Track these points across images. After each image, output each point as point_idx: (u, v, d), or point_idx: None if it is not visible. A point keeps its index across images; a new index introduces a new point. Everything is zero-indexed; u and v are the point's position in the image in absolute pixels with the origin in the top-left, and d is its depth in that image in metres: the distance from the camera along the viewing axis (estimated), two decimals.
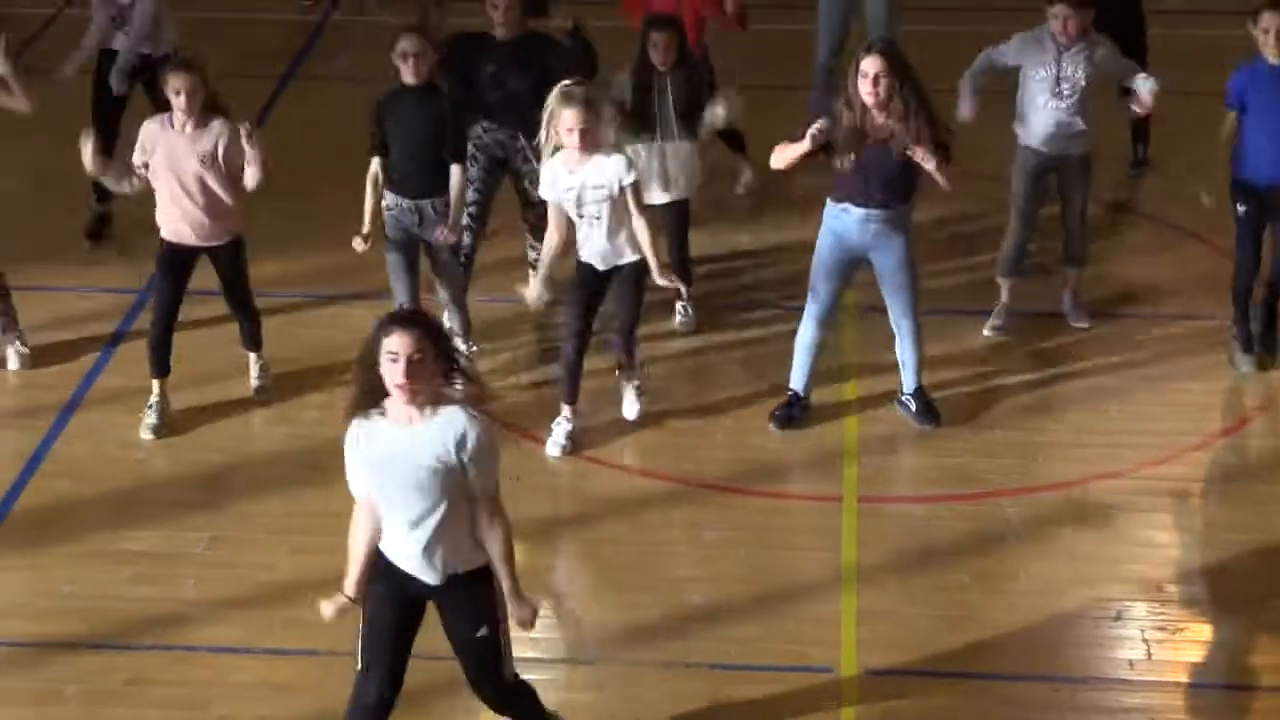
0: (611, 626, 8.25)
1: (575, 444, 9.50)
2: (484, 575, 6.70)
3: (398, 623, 6.72)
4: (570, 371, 9.39)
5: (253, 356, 10.00)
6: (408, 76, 9.56)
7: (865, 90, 8.65)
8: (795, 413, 9.47)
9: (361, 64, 9.73)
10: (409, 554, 6.57)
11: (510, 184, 10.42)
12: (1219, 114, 9.71)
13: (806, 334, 9.44)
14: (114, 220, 11.29)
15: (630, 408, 9.70)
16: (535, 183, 9.81)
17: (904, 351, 9.42)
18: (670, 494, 9.22)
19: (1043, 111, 9.81)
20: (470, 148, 10.05)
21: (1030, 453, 9.52)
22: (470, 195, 10.14)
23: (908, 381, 9.43)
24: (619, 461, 9.48)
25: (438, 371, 6.44)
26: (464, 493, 6.47)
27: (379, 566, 6.69)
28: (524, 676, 7.60)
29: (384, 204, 9.68)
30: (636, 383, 9.70)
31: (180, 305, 9.55)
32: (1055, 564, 8.62)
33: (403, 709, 6.86)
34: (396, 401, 6.43)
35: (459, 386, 6.57)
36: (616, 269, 9.29)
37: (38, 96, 9.93)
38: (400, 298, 9.67)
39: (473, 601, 6.72)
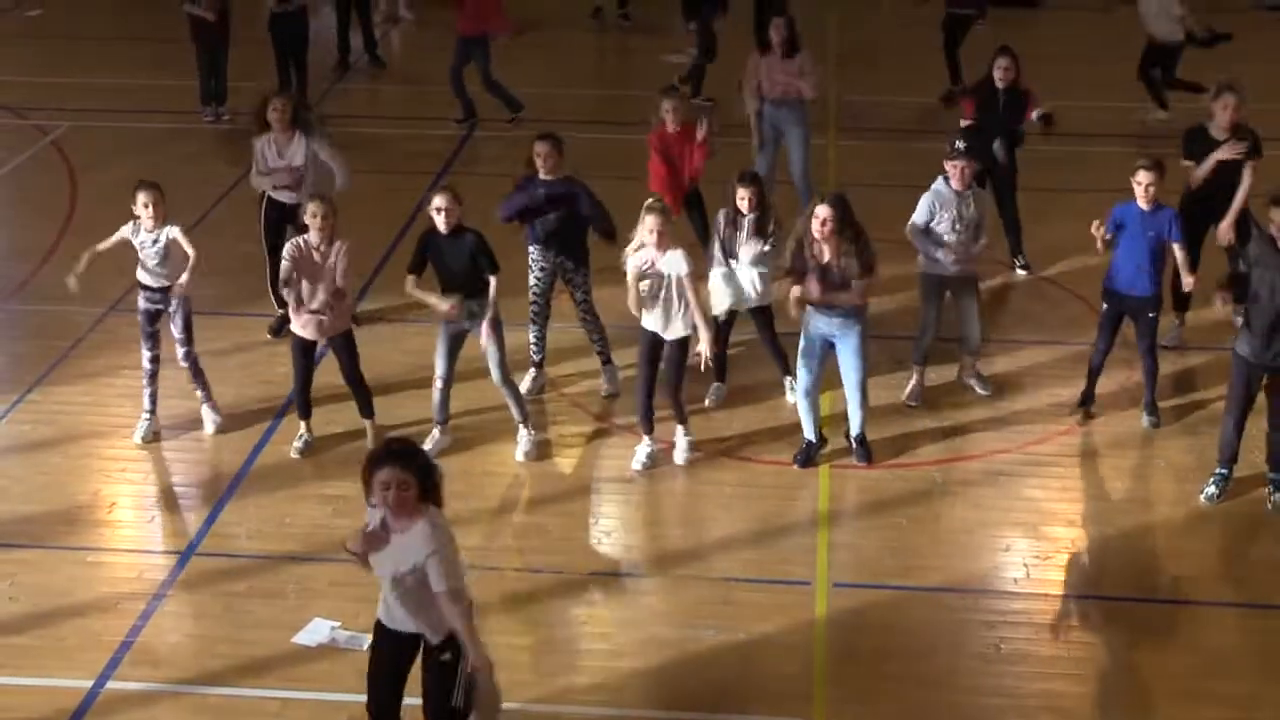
0: (658, 550, 8.72)
1: (654, 461, 9.27)
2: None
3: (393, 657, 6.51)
4: (644, 408, 9.18)
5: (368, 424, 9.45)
6: (440, 226, 8.87)
7: (816, 229, 8.85)
8: (812, 453, 9.33)
9: (501, 166, 9.50)
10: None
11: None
12: (1076, 208, 9.71)
13: (801, 403, 9.30)
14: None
15: (680, 454, 9.26)
16: (580, 287, 9.78)
17: (851, 412, 9.30)
18: (704, 463, 9.43)
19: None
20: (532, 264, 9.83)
21: (949, 436, 9.85)
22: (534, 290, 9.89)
23: (854, 428, 9.32)
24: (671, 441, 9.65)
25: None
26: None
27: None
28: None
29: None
30: (690, 436, 9.31)
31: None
32: (965, 512, 9.06)
33: None
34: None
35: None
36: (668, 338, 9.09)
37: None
38: (439, 367, 9.20)
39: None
